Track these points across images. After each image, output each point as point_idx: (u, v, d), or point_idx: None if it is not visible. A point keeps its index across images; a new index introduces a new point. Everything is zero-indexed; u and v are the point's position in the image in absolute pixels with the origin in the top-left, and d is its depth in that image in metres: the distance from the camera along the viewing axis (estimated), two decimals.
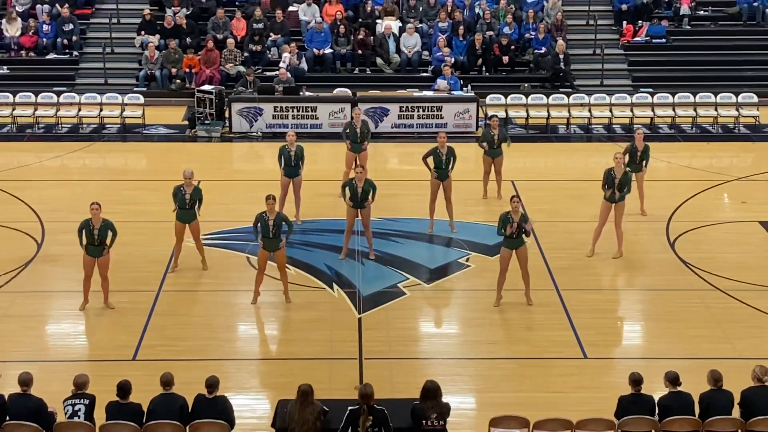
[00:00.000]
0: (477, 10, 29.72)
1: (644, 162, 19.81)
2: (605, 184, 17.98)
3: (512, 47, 28.79)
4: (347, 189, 17.97)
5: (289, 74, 26.72)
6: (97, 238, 15.86)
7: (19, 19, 29.22)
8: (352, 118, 21.74)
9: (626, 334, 16.32)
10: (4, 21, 29.23)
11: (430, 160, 19.12)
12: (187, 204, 17.25)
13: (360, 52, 28.76)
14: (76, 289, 17.25)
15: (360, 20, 29.64)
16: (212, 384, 12.08)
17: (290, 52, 27.79)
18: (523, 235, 16.18)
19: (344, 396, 12.79)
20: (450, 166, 19.07)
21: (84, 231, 15.94)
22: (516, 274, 17.39)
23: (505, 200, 20.44)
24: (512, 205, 15.97)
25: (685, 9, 30.39)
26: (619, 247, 18.19)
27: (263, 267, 16.45)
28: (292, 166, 19.20)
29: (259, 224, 16.36)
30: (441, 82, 26.37)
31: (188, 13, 29.46)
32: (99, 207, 15.90)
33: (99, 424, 11.92)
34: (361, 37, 28.73)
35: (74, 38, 29.20)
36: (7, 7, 29.70)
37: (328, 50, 28.80)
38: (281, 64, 27.37)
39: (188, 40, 28.85)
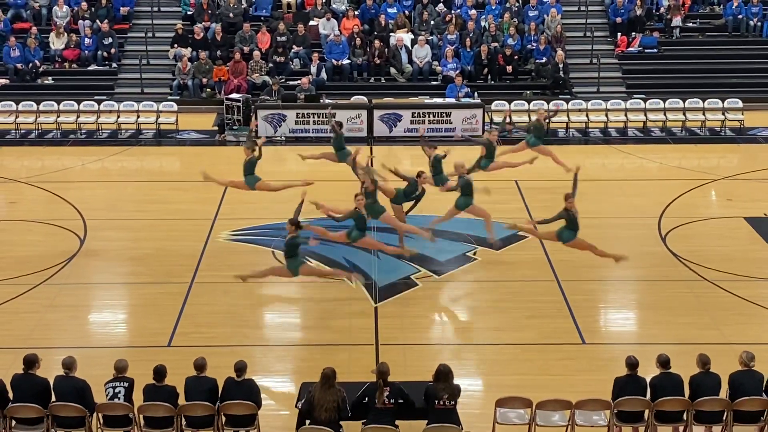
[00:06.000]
0: (483, 23, 29.67)
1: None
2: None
3: (515, 57, 28.75)
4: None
5: (310, 83, 26.76)
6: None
7: (65, 34, 29.27)
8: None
9: (621, 322, 16.29)
10: (52, 35, 29.31)
11: None
12: None
13: (375, 62, 28.76)
14: (115, 281, 17.41)
15: (375, 33, 29.62)
16: (240, 368, 12.10)
17: (313, 70, 27.88)
18: None
19: (362, 379, 12.79)
20: None
21: None
22: (518, 268, 17.42)
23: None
24: None
25: (675, 21, 30.28)
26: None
27: None
28: None
29: None
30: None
31: (216, 27, 29.47)
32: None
33: (137, 405, 11.98)
34: (376, 48, 28.73)
35: (113, 51, 29.26)
36: (53, 23, 29.80)
37: (345, 61, 28.80)
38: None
39: (218, 52, 28.90)
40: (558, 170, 21.08)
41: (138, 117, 26.59)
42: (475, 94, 26.83)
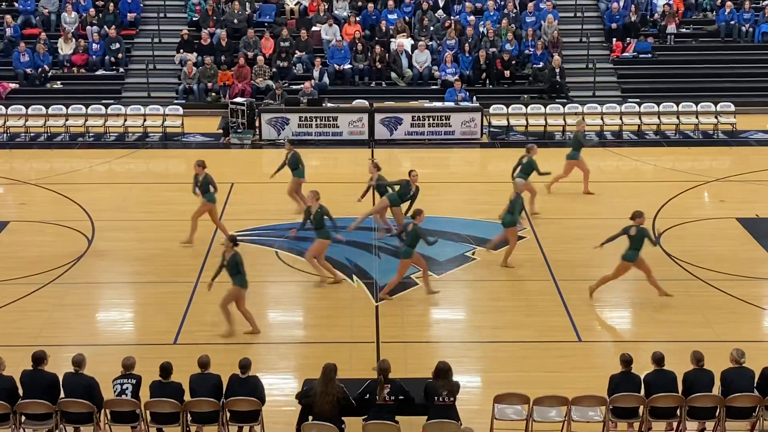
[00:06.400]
0: (481, 29, 29.68)
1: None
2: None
3: (513, 62, 28.75)
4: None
5: (312, 87, 26.79)
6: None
7: (73, 39, 29.31)
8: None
9: (616, 320, 16.28)
10: (60, 40, 29.33)
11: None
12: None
13: (376, 67, 28.76)
14: (122, 280, 17.43)
15: (376, 39, 29.63)
16: (245, 365, 12.13)
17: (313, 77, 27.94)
18: None
19: (364, 375, 12.81)
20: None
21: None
22: (515, 268, 17.40)
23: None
24: None
25: (669, 27, 30.30)
26: None
27: None
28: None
29: None
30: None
31: (221, 33, 29.49)
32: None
33: (144, 401, 12.00)
34: (377, 53, 28.74)
35: (120, 56, 29.28)
36: (61, 29, 29.83)
37: (347, 66, 28.81)
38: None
39: (222, 57, 28.91)
40: (558, 170, 21.03)
41: (144, 120, 26.60)
42: (474, 98, 26.84)
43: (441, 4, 30.66)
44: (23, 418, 12.03)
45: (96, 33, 29.48)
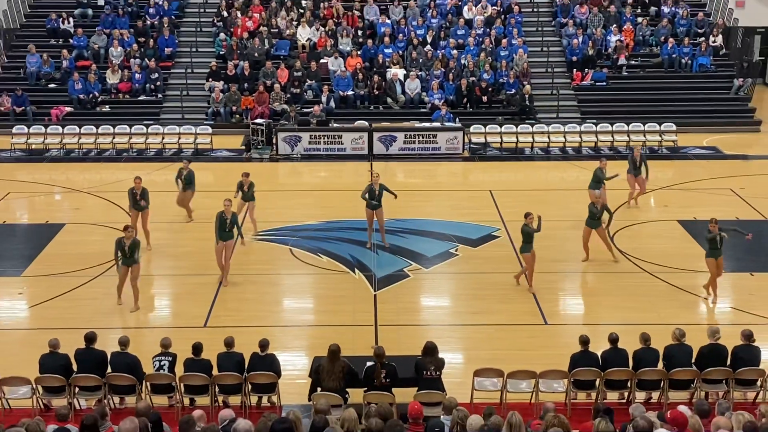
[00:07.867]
0: (463, 61, 29.68)
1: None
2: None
3: (489, 89, 28.71)
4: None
5: (321, 110, 26.76)
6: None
7: (119, 70, 29.29)
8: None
9: (577, 306, 16.28)
10: (108, 71, 29.30)
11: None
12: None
13: (375, 93, 28.75)
14: (161, 273, 17.37)
15: (374, 69, 29.62)
16: (264, 344, 12.13)
17: (322, 102, 27.86)
18: None
19: (364, 353, 12.82)
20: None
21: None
22: (491, 262, 17.38)
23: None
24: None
25: (621, 59, 30.32)
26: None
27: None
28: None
29: None
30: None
31: (244, 64, 29.48)
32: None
33: (179, 375, 11.99)
34: (375, 82, 28.73)
35: (159, 84, 29.25)
36: (109, 61, 29.81)
37: (350, 92, 28.80)
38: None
39: (245, 85, 28.90)
40: (528, 180, 21.01)
41: (179, 138, 26.57)
42: (456, 119, 26.83)
43: (429, 41, 30.66)
44: (77, 389, 12.03)
45: (138, 65, 29.47)
